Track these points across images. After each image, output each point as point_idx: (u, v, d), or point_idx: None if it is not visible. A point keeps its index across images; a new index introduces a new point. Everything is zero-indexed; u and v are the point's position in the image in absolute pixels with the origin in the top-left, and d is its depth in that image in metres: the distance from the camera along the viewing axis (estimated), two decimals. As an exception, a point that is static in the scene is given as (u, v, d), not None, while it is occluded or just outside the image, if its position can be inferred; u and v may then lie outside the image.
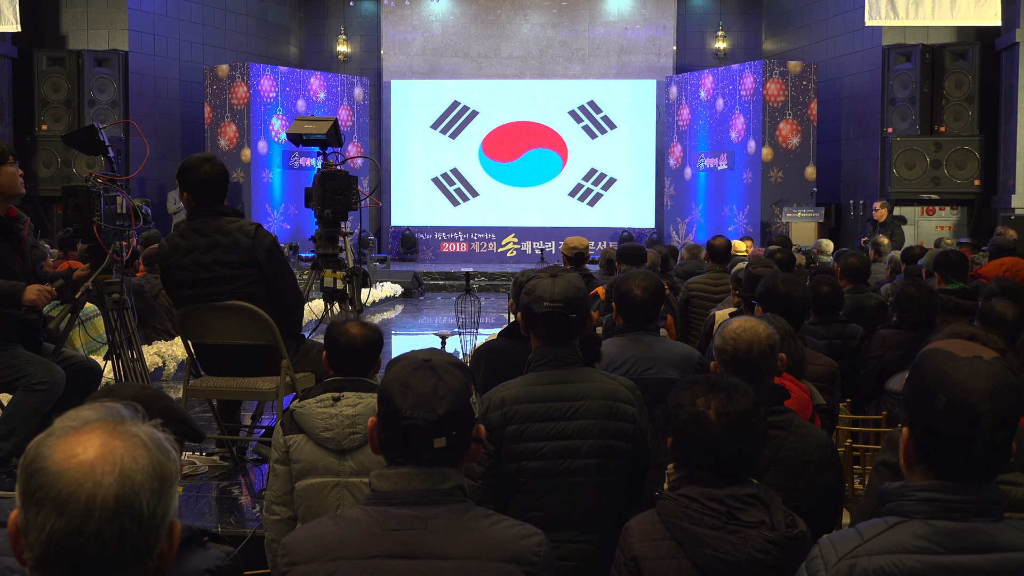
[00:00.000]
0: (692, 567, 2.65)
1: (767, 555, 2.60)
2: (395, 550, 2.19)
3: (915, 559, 2.01)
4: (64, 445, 1.47)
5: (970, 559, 2.01)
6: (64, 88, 16.71)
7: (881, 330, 6.15)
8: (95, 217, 5.53)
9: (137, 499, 1.45)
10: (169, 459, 1.52)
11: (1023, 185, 14.95)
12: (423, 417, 2.23)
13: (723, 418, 2.68)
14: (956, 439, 2.03)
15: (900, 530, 2.05)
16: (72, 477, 1.44)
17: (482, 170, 21.11)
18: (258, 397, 5.64)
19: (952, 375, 2.05)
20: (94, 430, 1.49)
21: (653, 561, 2.68)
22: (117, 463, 1.46)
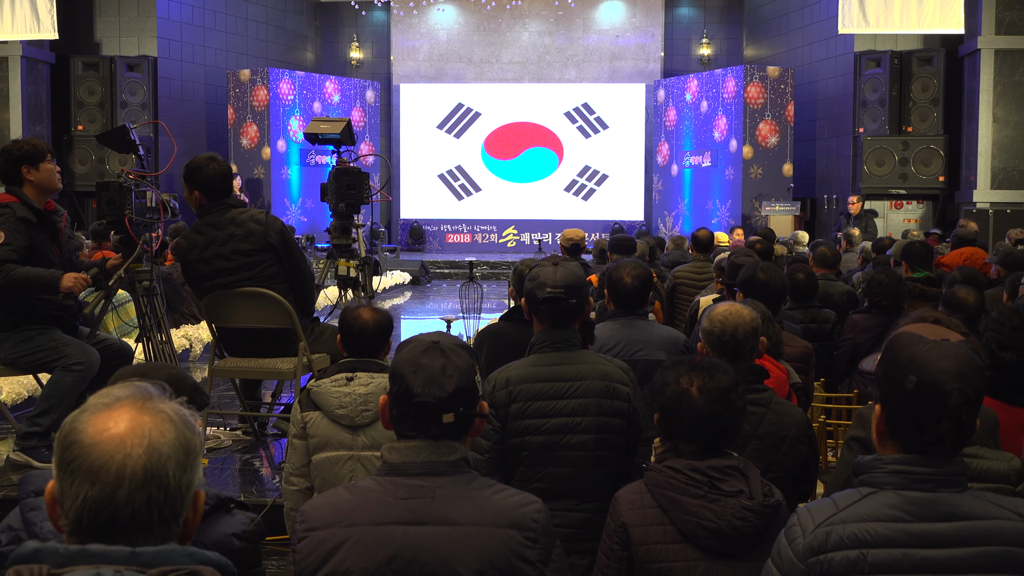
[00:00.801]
0: (676, 533, 2.66)
1: (745, 522, 2.61)
2: (405, 517, 2.19)
3: (886, 527, 2.02)
4: (97, 420, 1.48)
5: (937, 527, 2.02)
6: (98, 91, 16.71)
7: (853, 314, 6.15)
8: (127, 210, 5.53)
9: (164, 470, 1.47)
10: (194, 433, 1.53)
11: (984, 181, 14.97)
12: (433, 395, 2.23)
13: (704, 394, 2.70)
14: (925, 416, 2.04)
15: (872, 500, 2.05)
16: (104, 449, 1.46)
17: (484, 167, 21.07)
18: (277, 376, 5.64)
19: (922, 357, 2.06)
20: (124, 406, 1.50)
21: (640, 528, 2.70)
22: (145, 436, 1.47)
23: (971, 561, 2.00)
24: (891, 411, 2.08)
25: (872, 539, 2.01)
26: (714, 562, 2.64)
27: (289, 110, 18.50)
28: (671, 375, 2.79)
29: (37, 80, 16.34)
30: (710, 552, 2.64)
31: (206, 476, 3.59)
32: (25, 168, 5.18)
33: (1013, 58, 14.91)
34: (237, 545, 2.49)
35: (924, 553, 2.01)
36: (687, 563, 2.65)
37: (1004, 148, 15.00)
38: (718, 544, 2.63)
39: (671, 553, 2.66)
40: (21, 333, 5.18)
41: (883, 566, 2.01)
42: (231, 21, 19.15)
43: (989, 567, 2.00)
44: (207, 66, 18.62)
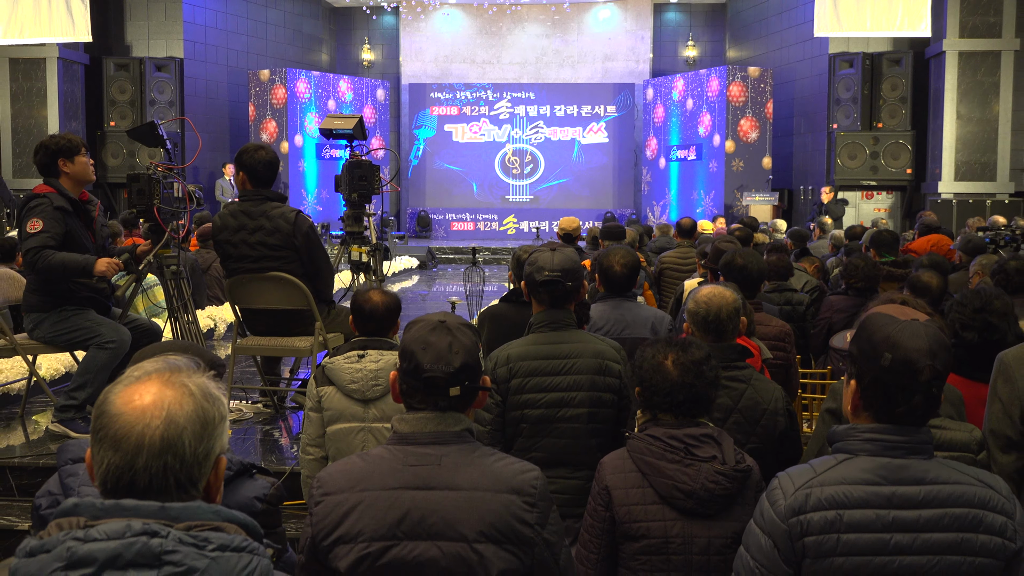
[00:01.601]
0: (655, 495, 2.69)
1: (718, 485, 2.64)
2: (413, 482, 2.20)
3: (861, 490, 2.04)
4: (125, 393, 1.51)
5: (907, 490, 2.04)
6: (128, 90, 16.69)
7: (830, 296, 6.16)
8: (155, 200, 5.53)
9: (180, 440, 1.49)
10: (213, 406, 1.54)
11: (948, 173, 14.98)
12: (442, 370, 2.24)
13: (678, 367, 2.73)
14: (899, 390, 2.05)
15: (848, 465, 2.07)
16: (127, 420, 1.48)
17: (486, 161, 21.05)
18: (295, 354, 5.64)
19: (896, 336, 2.07)
20: (152, 380, 1.52)
21: (622, 491, 2.72)
22: (165, 408, 1.49)
23: (938, 521, 2.02)
24: (867, 385, 2.09)
25: (848, 501, 2.03)
26: (689, 522, 2.66)
27: (305, 107, 18.47)
28: (649, 351, 2.83)
29: (72, 79, 16.32)
30: (685, 512, 2.66)
31: (230, 445, 3.59)
32: (61, 161, 5.18)
33: (975, 60, 14.90)
34: (259, 507, 2.50)
35: (895, 514, 2.03)
36: (664, 522, 2.67)
37: (967, 143, 15.01)
38: (693, 505, 2.65)
39: (650, 513, 2.68)
40: (59, 314, 5.19)
41: (858, 526, 2.02)
42: (252, 25, 19.11)
43: (954, 527, 2.02)
44: (229, 67, 18.59)
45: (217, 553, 1.42)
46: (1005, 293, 3.67)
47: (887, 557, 2.02)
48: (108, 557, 1.38)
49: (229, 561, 1.43)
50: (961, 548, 2.02)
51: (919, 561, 2.02)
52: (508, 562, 2.16)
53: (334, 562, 2.18)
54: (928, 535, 2.02)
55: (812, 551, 2.04)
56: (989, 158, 15.02)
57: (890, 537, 2.02)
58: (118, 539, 1.39)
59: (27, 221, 5.05)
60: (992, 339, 3.48)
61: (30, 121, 15.92)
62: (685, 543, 2.65)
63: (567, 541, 2.36)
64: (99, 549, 1.38)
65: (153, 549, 1.39)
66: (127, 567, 1.38)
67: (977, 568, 2.02)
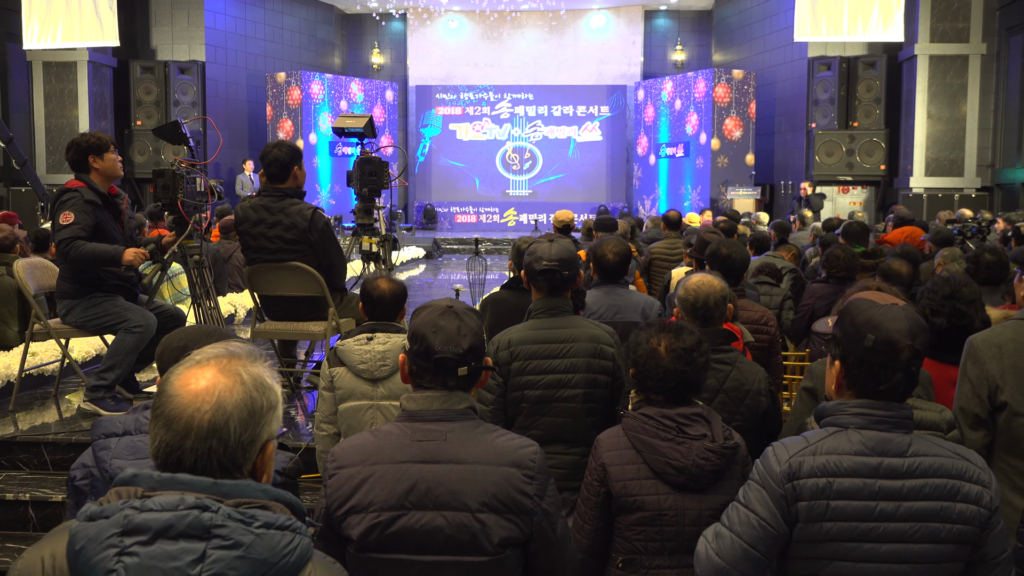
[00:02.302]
0: (648, 470, 2.69)
1: (708, 461, 2.64)
2: (420, 456, 2.20)
3: (850, 459, 2.05)
4: (184, 375, 1.52)
5: (892, 461, 2.05)
6: (154, 91, 16.66)
7: (812, 284, 6.17)
8: (179, 194, 5.52)
9: (226, 426, 1.48)
10: (263, 395, 1.53)
11: (919, 169, 14.97)
12: (451, 351, 2.24)
13: (670, 352, 2.73)
14: (882, 368, 2.07)
15: (838, 437, 2.08)
16: (180, 402, 1.49)
17: (488, 158, 21.04)
18: (310, 337, 5.64)
19: (878, 318, 2.08)
20: (210, 366, 1.53)
21: (617, 467, 2.72)
22: (215, 395, 1.49)
23: (919, 490, 2.04)
24: (851, 365, 2.10)
25: (838, 469, 2.05)
26: (681, 495, 2.67)
27: (319, 108, 18.45)
28: (643, 336, 2.82)
29: (101, 82, 16.30)
30: (677, 487, 2.67)
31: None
32: (91, 158, 5.17)
33: (945, 63, 14.87)
34: (279, 480, 2.50)
35: (881, 483, 2.04)
36: (658, 496, 2.67)
37: (936, 141, 14.99)
38: (684, 480, 2.65)
39: (644, 487, 2.68)
40: (89, 300, 5.19)
41: (847, 493, 2.04)
42: (269, 30, 19.08)
43: (934, 496, 2.04)
44: (248, 69, 18.56)
45: (262, 530, 1.43)
46: (973, 281, 3.67)
47: (872, 523, 2.03)
48: (161, 527, 1.39)
49: (273, 538, 1.43)
50: (940, 515, 2.03)
51: (902, 527, 2.03)
52: (509, 530, 2.16)
53: (347, 530, 2.18)
54: (911, 503, 2.03)
55: (803, 515, 2.05)
56: (957, 155, 15.00)
57: (876, 505, 2.03)
58: (171, 511, 1.40)
59: (59, 214, 5.05)
60: (960, 324, 3.48)
61: (62, 121, 15.91)
62: (677, 515, 2.66)
63: (564, 512, 2.36)
64: (153, 519, 1.39)
65: (203, 522, 1.40)
66: (178, 537, 1.39)
67: (955, 534, 2.03)
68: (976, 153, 14.98)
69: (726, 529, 2.15)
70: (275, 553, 1.42)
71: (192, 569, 1.37)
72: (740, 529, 2.11)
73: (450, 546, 2.15)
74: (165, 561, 1.37)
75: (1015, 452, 3.05)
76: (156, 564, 1.36)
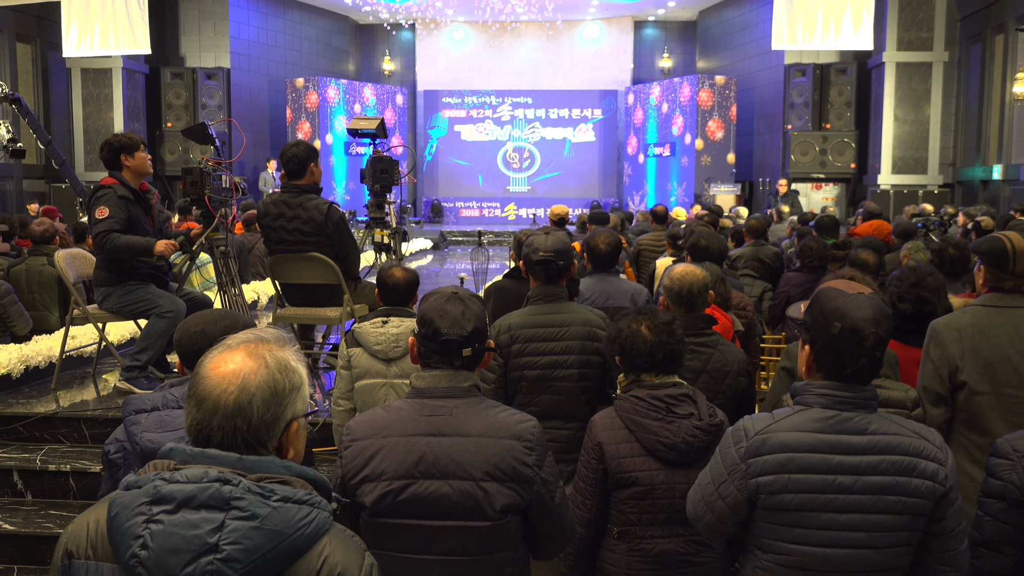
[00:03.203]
0: (641, 448, 2.70)
1: (695, 438, 2.65)
2: (428, 430, 2.20)
3: (811, 436, 2.05)
4: (216, 358, 1.53)
5: (851, 439, 2.04)
6: (183, 95, 16.63)
7: (787, 273, 6.17)
8: (206, 190, 5.51)
9: (250, 407, 1.49)
10: (286, 377, 1.53)
11: (886, 167, 14.98)
12: (457, 333, 2.25)
13: (652, 329, 2.77)
14: (847, 354, 2.05)
15: (802, 415, 2.08)
16: (210, 383, 1.50)
17: (491, 157, 21.01)
18: (326, 322, 5.64)
19: (845, 307, 2.07)
20: (239, 350, 1.53)
21: (612, 446, 2.73)
22: (241, 377, 1.50)
23: (877, 466, 2.03)
24: (819, 350, 2.09)
25: (799, 445, 2.04)
26: (672, 471, 2.67)
27: (335, 111, 18.40)
28: (624, 322, 2.85)
29: (134, 86, 16.27)
30: (668, 463, 2.67)
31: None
32: (123, 156, 5.17)
33: (910, 70, 14.85)
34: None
35: (840, 458, 2.03)
36: (650, 472, 2.67)
37: (902, 141, 14.98)
38: (674, 456, 2.66)
39: (637, 464, 2.69)
40: (124, 287, 5.19)
41: (806, 467, 2.03)
42: (289, 39, 19.03)
43: (891, 471, 2.03)
44: (270, 75, 18.52)
45: (279, 503, 1.43)
46: (938, 271, 3.68)
47: (831, 495, 2.03)
48: (185, 497, 1.40)
49: (289, 511, 1.43)
50: (896, 489, 2.02)
51: (860, 499, 2.02)
52: (510, 498, 2.17)
53: (361, 497, 2.19)
54: (868, 478, 2.02)
55: (765, 488, 2.05)
56: (921, 154, 14.99)
57: (834, 478, 2.02)
58: (196, 483, 1.41)
59: (95, 208, 5.04)
60: (925, 310, 3.49)
61: (99, 123, 15.89)
62: (669, 489, 2.67)
63: (561, 482, 2.36)
64: (179, 490, 1.41)
65: (224, 495, 1.40)
66: (200, 507, 1.40)
67: (910, 506, 2.02)
68: (939, 153, 14.97)
69: (698, 487, 2.20)
70: (290, 525, 1.42)
71: (211, 537, 1.38)
72: (704, 490, 2.16)
73: (455, 512, 2.16)
74: (187, 529, 1.38)
75: (973, 427, 3.05)
76: (178, 531, 1.38)
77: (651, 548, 2.67)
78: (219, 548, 1.37)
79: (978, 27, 13.95)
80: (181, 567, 1.36)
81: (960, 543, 2.06)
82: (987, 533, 2.20)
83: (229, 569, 1.37)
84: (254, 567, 1.39)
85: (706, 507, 2.15)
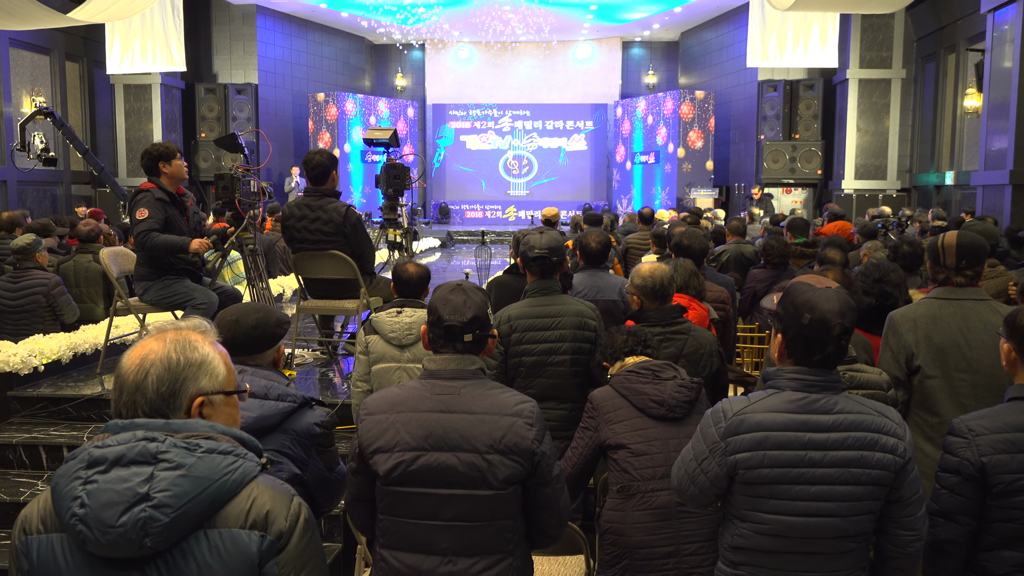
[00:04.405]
0: (635, 411, 2.82)
1: (681, 393, 2.82)
2: (438, 407, 2.21)
3: (783, 416, 2.05)
4: (135, 347, 1.55)
5: (819, 418, 2.05)
6: (215, 108, 16.60)
7: (753, 270, 6.17)
8: (236, 194, 5.51)
9: (144, 384, 1.50)
10: (183, 355, 1.52)
11: (850, 173, 14.97)
12: (458, 320, 2.25)
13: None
14: (816, 343, 2.05)
15: (775, 397, 2.08)
16: (122, 367, 1.53)
17: (493, 164, 20.98)
18: (344, 312, 5.64)
19: (814, 299, 2.06)
20: (153, 337, 1.55)
21: (611, 412, 2.84)
22: (141, 359, 1.52)
23: (843, 442, 2.03)
24: (790, 339, 2.09)
25: (772, 424, 2.05)
26: (663, 427, 2.78)
27: (352, 122, 18.38)
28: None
29: (172, 101, 16.25)
30: (659, 418, 2.79)
31: (294, 382, 3.60)
32: (161, 163, 5.16)
33: (871, 86, 14.83)
34: (318, 431, 2.50)
35: (809, 436, 2.03)
36: (644, 431, 2.78)
37: (864, 150, 14.97)
38: (664, 412, 2.78)
39: (634, 425, 2.80)
40: (162, 282, 5.19)
41: (780, 444, 2.03)
42: (311, 58, 18.99)
43: (856, 446, 2.03)
44: (293, 90, 18.49)
45: (204, 454, 1.43)
46: (899, 268, 3.69)
47: (803, 469, 2.03)
48: (115, 456, 1.41)
49: (214, 460, 1.43)
50: (861, 463, 2.03)
51: (828, 472, 2.03)
52: (512, 469, 2.17)
53: (375, 467, 2.19)
54: (835, 452, 2.03)
55: (743, 464, 2.05)
56: (881, 162, 14.98)
57: (805, 454, 2.03)
58: (124, 444, 1.42)
59: (136, 210, 5.04)
60: (887, 303, 3.49)
61: (139, 133, 15.88)
62: (663, 444, 2.77)
63: (557, 459, 2.37)
64: (109, 451, 1.42)
65: (151, 450, 1.41)
66: (130, 464, 1.40)
67: (873, 477, 2.03)
68: (897, 160, 14.96)
69: (682, 463, 2.20)
70: (216, 471, 1.42)
71: (142, 488, 1.38)
72: (687, 466, 2.16)
73: (462, 481, 2.16)
74: (119, 484, 1.38)
75: (926, 408, 3.07)
76: (112, 487, 1.38)
77: (652, 501, 2.73)
78: (150, 496, 1.38)
79: (932, 47, 13.93)
80: (116, 517, 1.36)
81: (917, 509, 2.06)
82: (943, 504, 2.21)
83: (160, 514, 1.37)
84: (184, 511, 1.39)
85: (690, 481, 2.15)
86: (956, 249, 3.12)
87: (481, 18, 18.03)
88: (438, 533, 2.17)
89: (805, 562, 2.05)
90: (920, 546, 2.09)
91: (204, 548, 1.41)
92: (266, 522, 1.44)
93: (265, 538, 1.43)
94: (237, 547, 1.42)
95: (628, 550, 2.71)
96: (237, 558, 1.42)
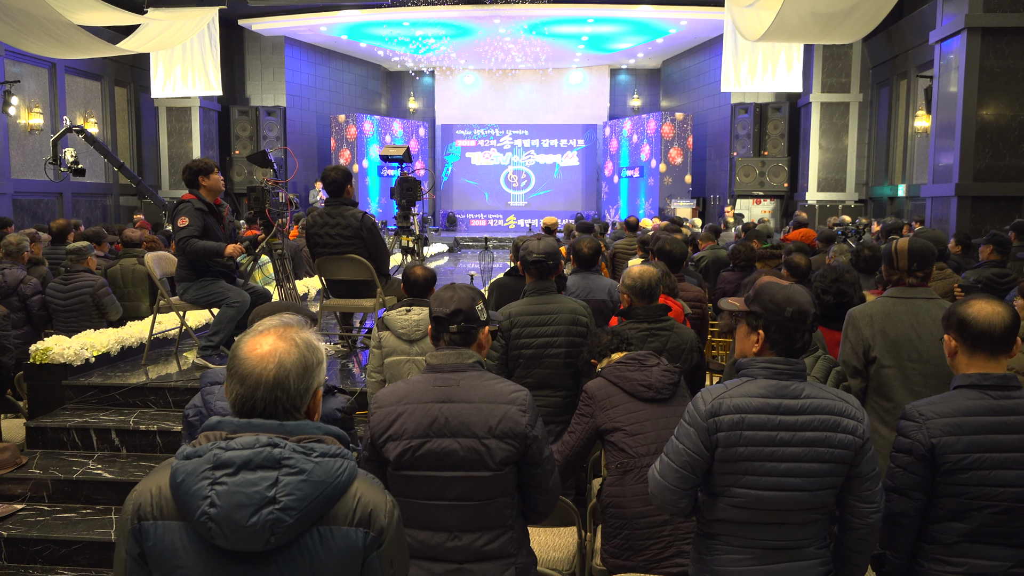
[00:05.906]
0: (626, 396, 2.83)
1: (666, 376, 2.84)
2: (440, 397, 2.20)
3: (758, 400, 2.05)
4: (251, 342, 1.48)
5: (789, 402, 2.04)
6: (248, 128, 16.59)
7: (723, 272, 6.15)
8: (266, 204, 5.51)
9: (287, 380, 1.45)
10: (313, 354, 1.50)
11: (812, 186, 14.94)
12: (441, 312, 2.26)
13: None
14: (797, 332, 2.06)
15: (750, 384, 2.07)
16: (250, 363, 1.46)
17: (495, 179, 20.97)
18: (362, 310, 5.63)
19: (792, 295, 2.08)
20: (270, 334, 1.49)
21: (604, 399, 2.84)
22: (277, 356, 1.46)
23: (809, 424, 2.03)
24: (773, 332, 2.08)
25: (748, 407, 2.04)
26: (652, 407, 2.79)
27: (369, 140, 18.37)
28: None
29: (209, 121, 16.24)
30: (648, 400, 2.80)
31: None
32: (200, 177, 5.16)
33: (832, 108, 14.81)
34: (339, 416, 2.50)
35: (781, 418, 2.03)
36: (636, 412, 2.78)
37: (825, 165, 14.95)
38: (652, 394, 2.80)
39: (626, 408, 2.80)
40: (200, 282, 5.18)
41: (755, 425, 2.03)
42: (333, 83, 18.98)
43: (820, 428, 2.03)
44: (318, 112, 18.48)
45: (320, 459, 1.41)
46: (854, 269, 3.68)
47: (774, 448, 2.02)
48: (243, 461, 1.38)
49: (328, 464, 1.41)
50: (825, 443, 2.02)
51: (796, 451, 2.02)
52: (507, 452, 2.16)
53: (386, 454, 2.18)
54: (803, 433, 2.02)
55: (723, 442, 2.04)
56: (841, 176, 14.96)
57: (776, 434, 2.02)
58: (250, 448, 1.39)
59: (177, 219, 5.04)
60: (843, 301, 3.48)
61: (180, 151, 15.89)
62: (654, 423, 2.77)
63: (549, 441, 2.35)
64: (236, 455, 1.38)
65: (275, 456, 1.38)
66: (256, 468, 1.38)
67: (836, 456, 2.03)
68: (855, 174, 14.93)
69: (666, 457, 2.14)
70: (331, 475, 1.41)
71: (269, 491, 1.36)
72: (674, 457, 2.11)
73: (463, 464, 2.15)
74: (248, 487, 1.36)
75: (881, 394, 3.06)
76: (241, 490, 1.36)
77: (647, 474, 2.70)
78: (276, 500, 1.36)
79: (886, 74, 13.92)
80: (247, 518, 1.34)
81: (875, 484, 2.06)
82: (897, 481, 2.20)
83: (286, 516, 1.36)
84: (305, 512, 1.38)
85: (677, 473, 2.08)
86: (908, 253, 3.12)
87: (485, 48, 18.03)
88: (444, 512, 2.16)
89: (775, 532, 2.05)
90: (878, 517, 2.08)
91: (316, 543, 1.41)
92: (370, 519, 1.44)
93: (368, 534, 1.43)
94: (346, 542, 1.42)
95: (628, 520, 2.69)
96: (345, 552, 1.42)
